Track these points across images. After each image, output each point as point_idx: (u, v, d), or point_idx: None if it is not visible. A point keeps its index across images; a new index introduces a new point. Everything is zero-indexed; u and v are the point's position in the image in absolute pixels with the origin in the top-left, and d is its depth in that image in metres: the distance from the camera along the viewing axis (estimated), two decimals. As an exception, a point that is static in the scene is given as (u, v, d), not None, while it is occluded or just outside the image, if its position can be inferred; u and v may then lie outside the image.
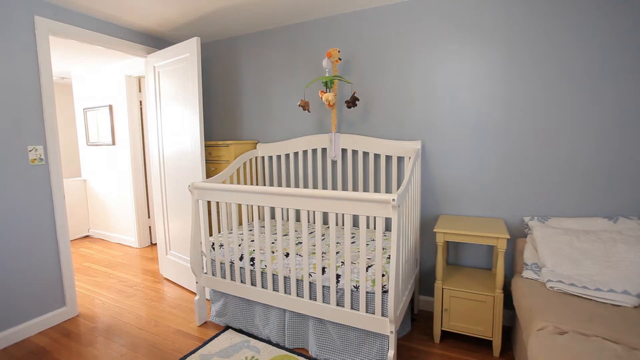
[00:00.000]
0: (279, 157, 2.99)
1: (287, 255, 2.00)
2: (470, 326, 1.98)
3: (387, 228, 2.57)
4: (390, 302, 1.59)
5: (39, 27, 2.29)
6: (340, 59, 2.50)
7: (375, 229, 2.51)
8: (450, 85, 2.28)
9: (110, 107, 4.15)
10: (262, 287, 2.09)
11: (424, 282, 2.51)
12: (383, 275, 1.71)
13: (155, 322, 2.39)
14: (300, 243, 2.18)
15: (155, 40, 3.07)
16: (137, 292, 2.88)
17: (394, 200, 1.54)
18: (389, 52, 2.44)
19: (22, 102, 2.21)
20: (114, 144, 4.18)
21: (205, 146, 2.80)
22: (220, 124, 3.30)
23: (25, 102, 2.22)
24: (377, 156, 2.57)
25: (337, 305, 1.84)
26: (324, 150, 2.77)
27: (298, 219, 2.98)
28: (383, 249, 1.78)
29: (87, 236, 4.67)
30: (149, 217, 4.21)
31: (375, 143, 2.46)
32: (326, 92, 2.49)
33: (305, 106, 2.55)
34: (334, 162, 2.75)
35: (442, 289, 2.01)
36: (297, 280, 1.96)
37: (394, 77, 2.45)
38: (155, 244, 4.23)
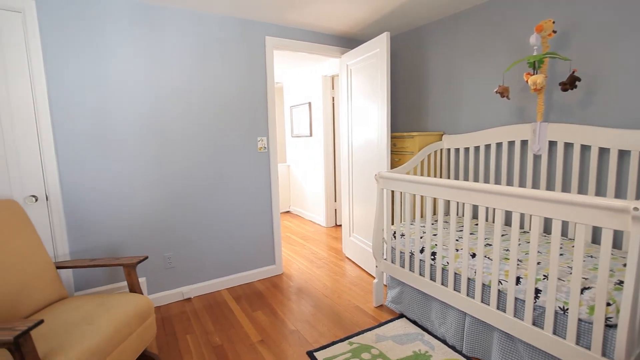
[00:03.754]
0: (466, 149, 2.77)
1: (473, 255, 1.86)
2: None
3: (616, 245, 1.98)
4: (620, 342, 1.23)
5: (268, 45, 2.91)
6: (554, 32, 2.06)
7: (592, 242, 1.98)
8: None
9: (309, 104, 4.88)
10: (442, 284, 2.02)
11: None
12: (609, 305, 1.33)
13: (338, 294, 2.71)
14: (490, 245, 1.97)
15: (347, 41, 3.37)
16: (324, 265, 3.34)
17: (636, 209, 1.17)
18: (635, 8, 1.82)
19: (255, 104, 2.89)
20: (311, 135, 4.92)
21: (390, 137, 2.91)
22: (405, 115, 3.34)
23: (257, 104, 2.90)
24: (603, 151, 1.99)
25: (534, 324, 1.57)
26: (523, 142, 2.38)
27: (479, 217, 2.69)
28: (610, 270, 1.38)
29: (288, 212, 5.74)
30: (335, 200, 4.77)
31: (601, 134, 1.92)
32: (533, 74, 2.11)
33: (503, 92, 2.25)
34: (536, 157, 2.32)
35: None
36: (484, 285, 1.79)
37: (637, 44, 1.82)
38: (340, 225, 4.77)
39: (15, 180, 2.11)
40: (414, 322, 2.25)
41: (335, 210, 4.79)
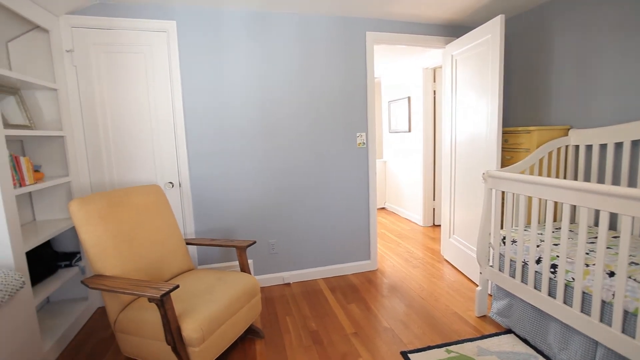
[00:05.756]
0: (603, 146, 2.31)
1: (611, 274, 1.54)
2: None
3: None
4: None
5: (368, 40, 2.90)
6: None
7: None
8: None
9: (409, 98, 4.70)
10: (565, 304, 1.73)
11: None
12: None
13: (435, 298, 2.57)
14: (636, 264, 1.61)
15: (452, 30, 3.13)
16: (420, 265, 3.20)
17: None
18: None
19: (355, 100, 2.92)
20: (409, 131, 4.75)
21: (501, 133, 2.61)
22: (519, 108, 2.95)
23: (357, 100, 2.92)
24: None
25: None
26: (693, 136, 1.86)
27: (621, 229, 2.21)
28: None
29: (383, 208, 5.67)
30: (434, 199, 4.52)
31: None
32: None
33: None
34: None
35: None
36: (626, 312, 1.47)
37: None
38: (438, 225, 4.51)
39: (159, 169, 2.59)
40: (525, 341, 1.99)
41: (434, 209, 4.54)
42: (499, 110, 2.35)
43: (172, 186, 2.62)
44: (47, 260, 2.17)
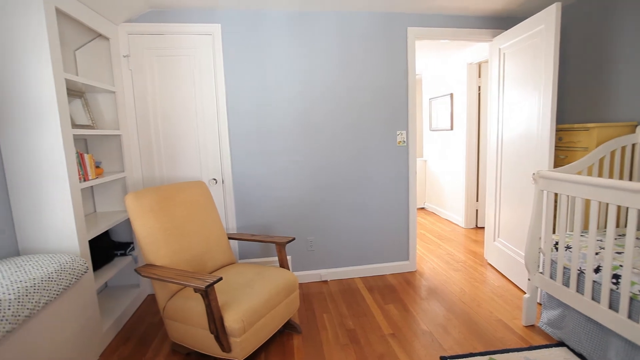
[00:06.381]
0: (676, 144, 2.07)
1: (684, 287, 1.38)
2: None
3: None
4: None
5: (410, 36, 2.83)
6: None
7: None
8: None
9: (451, 95, 4.52)
10: (629, 318, 1.58)
11: None
12: None
13: (478, 303, 2.46)
14: None
15: (500, 22, 2.95)
16: (462, 269, 3.08)
17: None
18: None
19: (396, 97, 2.86)
20: (451, 129, 4.57)
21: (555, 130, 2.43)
22: (575, 103, 2.73)
23: (397, 97, 2.87)
24: None
25: None
26: None
27: None
28: None
29: (422, 208, 5.52)
30: (477, 200, 4.32)
31: None
32: None
33: None
34: None
35: None
36: (702, 329, 1.31)
37: None
38: (481, 227, 4.30)
39: (203, 166, 2.71)
40: (580, 356, 1.84)
41: (477, 210, 4.33)
42: (552, 106, 2.19)
43: (216, 182, 2.74)
44: (105, 248, 2.37)
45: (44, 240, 1.87)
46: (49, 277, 1.55)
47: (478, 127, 4.23)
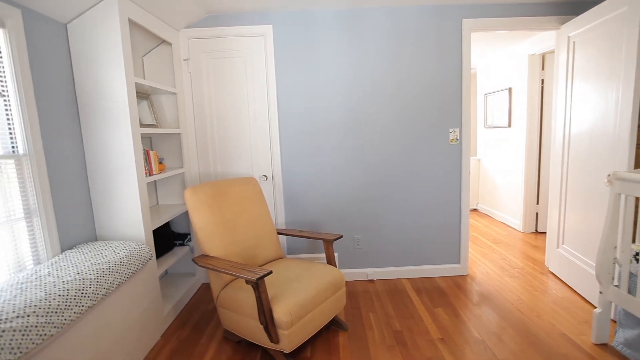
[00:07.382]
0: None
1: None
2: None
3: None
4: None
5: (465, 28, 2.68)
6: None
7: None
8: None
9: (510, 89, 4.22)
10: None
11: None
12: None
13: (537, 314, 2.28)
14: None
15: (567, 7, 2.68)
16: (519, 275, 2.87)
17: None
18: None
19: (448, 93, 2.74)
20: (509, 126, 4.27)
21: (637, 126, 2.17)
22: (663, 94, 2.40)
23: (450, 93, 2.74)
24: None
25: None
26: None
27: None
28: None
29: (475, 209, 5.24)
30: (537, 202, 4.00)
31: None
32: None
33: None
34: None
35: None
36: None
37: None
38: (542, 232, 3.97)
39: (255, 163, 2.82)
40: (662, 380, 1.63)
41: (537, 213, 4.01)
42: (634, 99, 1.95)
43: (266, 179, 2.83)
44: (166, 238, 2.56)
45: (114, 229, 2.08)
46: (121, 262, 1.72)
47: (540, 123, 3.90)
